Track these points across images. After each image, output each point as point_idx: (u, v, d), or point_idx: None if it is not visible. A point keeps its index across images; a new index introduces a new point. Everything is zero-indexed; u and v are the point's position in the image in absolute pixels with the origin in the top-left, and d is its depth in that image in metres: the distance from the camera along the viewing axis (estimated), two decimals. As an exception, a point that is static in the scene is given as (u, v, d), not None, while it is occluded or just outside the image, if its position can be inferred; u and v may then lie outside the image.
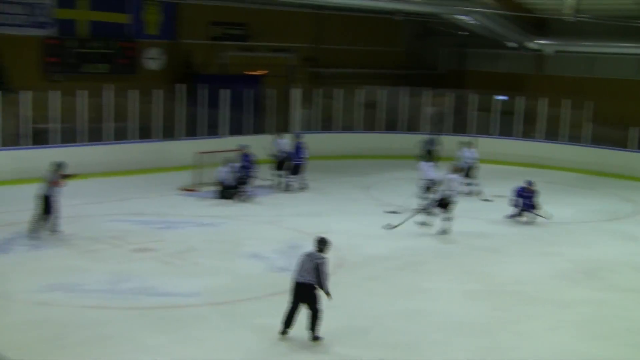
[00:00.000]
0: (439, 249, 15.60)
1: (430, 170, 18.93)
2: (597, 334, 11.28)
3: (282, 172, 21.08)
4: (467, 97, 28.78)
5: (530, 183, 18.45)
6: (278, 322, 10.79)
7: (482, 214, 19.12)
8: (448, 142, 26.59)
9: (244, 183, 19.37)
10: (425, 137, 24.88)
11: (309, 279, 10.34)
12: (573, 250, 16.04)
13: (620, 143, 26.46)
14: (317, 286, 10.34)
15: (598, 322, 11.83)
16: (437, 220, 16.57)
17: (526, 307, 12.32)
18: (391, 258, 14.40)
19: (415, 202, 18.36)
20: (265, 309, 11.59)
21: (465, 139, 23.48)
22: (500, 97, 29.02)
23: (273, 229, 16.63)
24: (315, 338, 10.48)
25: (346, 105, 27.62)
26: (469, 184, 21.15)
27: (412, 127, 28.18)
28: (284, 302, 11.72)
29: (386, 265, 13.95)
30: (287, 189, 20.83)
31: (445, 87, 30.28)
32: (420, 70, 33.78)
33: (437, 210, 16.57)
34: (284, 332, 10.52)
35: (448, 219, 16.45)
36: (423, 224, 16.68)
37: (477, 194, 20.95)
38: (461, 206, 18.94)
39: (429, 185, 18.51)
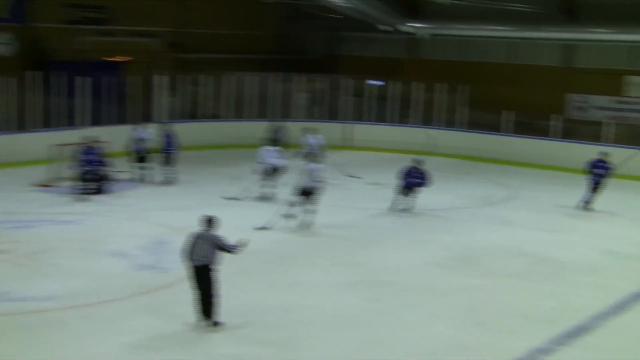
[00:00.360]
0: (312, 241, 15.68)
1: (272, 156, 19.12)
2: (475, 321, 11.61)
3: (145, 164, 20.74)
4: (341, 83, 29.11)
5: (419, 161, 18.56)
6: (143, 324, 10.65)
7: (357, 202, 19.40)
8: (320, 129, 26.91)
9: (97, 178, 18.82)
10: (273, 123, 24.79)
11: (204, 261, 10.53)
12: (449, 238, 16.47)
13: (495, 127, 27.40)
14: (213, 267, 10.57)
15: (475, 309, 12.17)
16: (299, 212, 16.48)
17: (402, 297, 12.57)
18: (262, 251, 14.37)
19: (256, 189, 18.94)
20: (130, 310, 11.36)
21: (310, 125, 23.63)
22: (375, 82, 29.50)
23: (137, 225, 16.31)
24: (216, 323, 10.69)
25: (214, 92, 27.43)
26: None
27: (284, 114, 28.24)
28: (151, 302, 11.61)
29: (257, 259, 13.90)
30: (163, 181, 20.59)
31: (318, 72, 30.55)
32: (291, 55, 33.91)
33: (299, 201, 16.40)
34: (202, 319, 10.69)
35: (312, 211, 16.42)
36: (289, 216, 16.54)
37: None
38: (334, 196, 19.20)
39: (270, 172, 18.88)
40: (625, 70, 28.68)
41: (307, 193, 16.29)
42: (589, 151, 24.97)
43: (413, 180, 18.34)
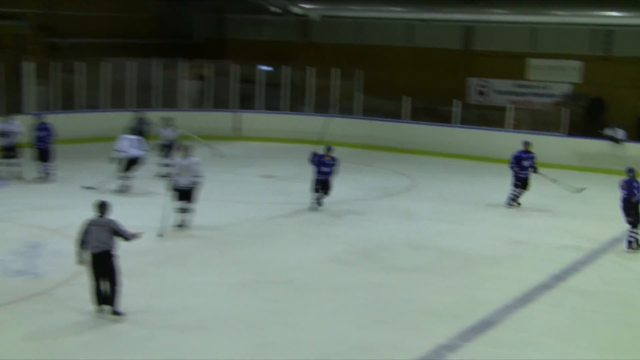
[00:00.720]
0: (202, 240, 15.55)
1: (130, 146, 19.20)
2: (376, 319, 11.73)
3: (12, 160, 20.16)
4: (229, 68, 28.98)
5: (330, 149, 18.34)
6: (17, 336, 10.38)
7: (249, 197, 19.38)
8: (207, 119, 26.84)
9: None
10: (135, 113, 24.36)
11: (103, 247, 10.86)
12: (348, 232, 16.62)
13: (394, 114, 27.77)
14: (113, 253, 10.92)
15: (377, 306, 12.31)
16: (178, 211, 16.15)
17: (300, 296, 12.62)
18: (149, 252, 14.18)
19: (114, 180, 19.12)
20: (3, 320, 11.06)
21: (167, 114, 23.38)
22: (265, 68, 29.49)
23: (6, 226, 15.83)
24: (116, 313, 10.93)
25: (90, 80, 26.88)
26: (167, 165, 21.12)
27: (167, 103, 27.95)
28: (25, 310, 11.32)
29: (144, 260, 13.72)
30: (37, 178, 20.09)
31: (204, 57, 30.33)
32: (174, 39, 33.55)
33: (178, 202, 16.00)
34: (101, 310, 11.03)
35: (190, 210, 16.08)
36: (180, 225, 16.07)
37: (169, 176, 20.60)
38: (224, 190, 19.17)
39: (127, 162, 19.03)
40: (526, 52, 29.50)
41: (185, 191, 15.93)
42: (491, 138, 25.77)
43: (326, 171, 18.07)
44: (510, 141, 24.93)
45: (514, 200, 19.54)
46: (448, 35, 30.80)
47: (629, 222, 16.05)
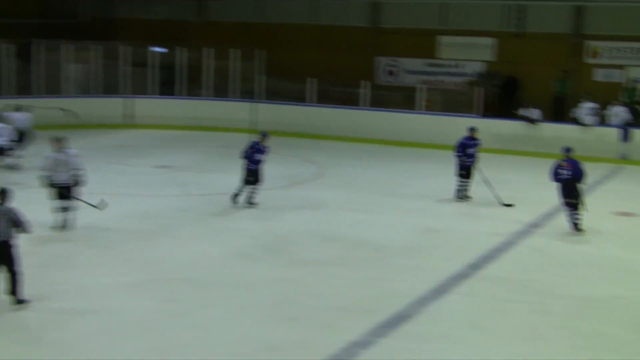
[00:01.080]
0: (89, 238, 15.22)
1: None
2: (285, 317, 11.71)
3: None
4: (118, 50, 28.58)
5: (265, 135, 18.18)
6: None
7: (142, 189, 19.19)
8: (96, 106, 26.43)
9: None
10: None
11: (3, 237, 11.09)
12: (252, 224, 16.58)
13: (298, 97, 27.79)
14: (12, 243, 11.20)
15: (285, 303, 12.27)
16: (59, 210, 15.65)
17: (202, 295, 12.50)
18: (30, 253, 13.73)
19: None
20: None
21: (18, 101, 22.91)
22: (158, 49, 29.20)
23: None
24: (20, 301, 11.26)
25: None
26: (19, 156, 20.70)
27: (50, 89, 27.40)
28: None
29: (26, 262, 13.26)
30: None
31: (90, 38, 29.86)
32: (57, 19, 32.92)
33: (57, 201, 15.45)
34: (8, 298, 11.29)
35: (70, 209, 15.54)
36: (63, 226, 15.53)
37: (20, 167, 20.28)
38: (114, 182, 18.94)
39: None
40: (437, 29, 29.85)
41: (65, 188, 15.32)
42: (402, 120, 26.00)
43: (258, 159, 17.86)
44: (422, 123, 25.31)
45: (462, 193, 19.18)
46: (355, 12, 30.98)
47: (569, 205, 16.19)
